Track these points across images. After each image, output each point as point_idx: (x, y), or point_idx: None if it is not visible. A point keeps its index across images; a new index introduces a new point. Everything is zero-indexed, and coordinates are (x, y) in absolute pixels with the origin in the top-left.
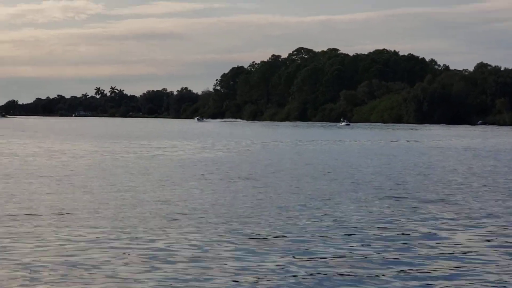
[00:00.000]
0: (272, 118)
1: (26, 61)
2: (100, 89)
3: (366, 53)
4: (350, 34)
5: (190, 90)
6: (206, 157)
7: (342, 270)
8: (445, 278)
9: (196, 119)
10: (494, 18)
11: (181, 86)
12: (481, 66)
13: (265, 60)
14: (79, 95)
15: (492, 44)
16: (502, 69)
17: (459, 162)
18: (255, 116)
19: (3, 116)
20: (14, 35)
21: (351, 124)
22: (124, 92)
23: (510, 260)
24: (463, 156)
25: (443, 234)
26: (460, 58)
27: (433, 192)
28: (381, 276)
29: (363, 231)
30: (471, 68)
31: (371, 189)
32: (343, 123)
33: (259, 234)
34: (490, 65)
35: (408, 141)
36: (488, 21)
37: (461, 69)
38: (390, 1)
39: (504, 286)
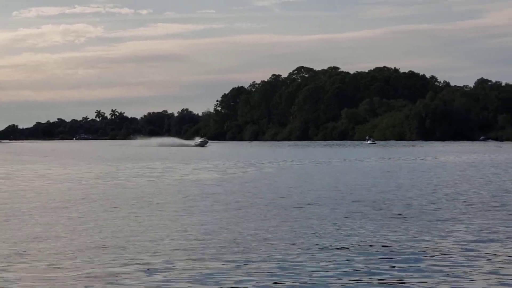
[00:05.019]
0: (273, 138)
1: (26, 85)
2: (101, 112)
3: (366, 71)
4: (350, 53)
5: (191, 112)
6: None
7: None
8: None
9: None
10: (493, 34)
11: (182, 108)
12: (482, 82)
13: (265, 79)
14: (79, 119)
15: (492, 60)
16: (503, 84)
17: None
18: (257, 136)
19: None
20: (15, 60)
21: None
22: (125, 114)
23: None
24: None
25: None
26: (460, 74)
27: None
28: None
29: None
30: (471, 84)
31: None
32: (368, 141)
33: None
34: (490, 81)
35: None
36: (487, 37)
37: (461, 85)
38: (388, 19)
39: None
